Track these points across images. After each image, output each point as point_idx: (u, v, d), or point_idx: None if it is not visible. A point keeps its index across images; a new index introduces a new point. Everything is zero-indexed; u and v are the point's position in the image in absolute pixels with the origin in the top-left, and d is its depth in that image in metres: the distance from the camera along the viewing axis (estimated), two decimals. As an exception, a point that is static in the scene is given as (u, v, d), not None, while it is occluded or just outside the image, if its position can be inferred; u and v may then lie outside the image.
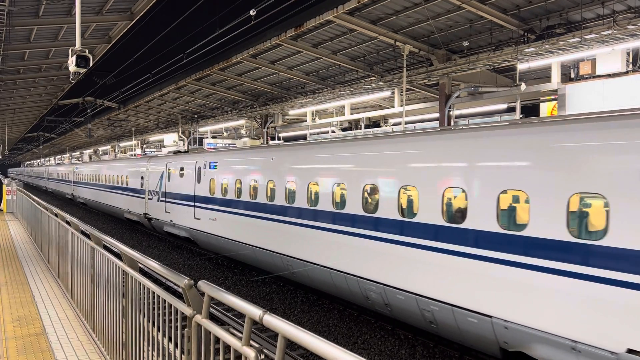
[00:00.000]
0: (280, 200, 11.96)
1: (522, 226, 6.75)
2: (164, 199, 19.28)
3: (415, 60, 15.90)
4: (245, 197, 13.51)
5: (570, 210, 6.15)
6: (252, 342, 2.85)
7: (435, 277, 7.89)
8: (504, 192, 6.97)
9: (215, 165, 15.43)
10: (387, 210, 8.86)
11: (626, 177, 5.65)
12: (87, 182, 33.00)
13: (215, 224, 15.11)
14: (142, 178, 21.89)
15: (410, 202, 8.61)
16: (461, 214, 7.66)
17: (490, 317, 7.03)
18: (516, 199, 7.04)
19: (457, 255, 7.52)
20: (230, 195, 14.31)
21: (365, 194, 9.46)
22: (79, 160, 56.94)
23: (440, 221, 7.86)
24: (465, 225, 7.49)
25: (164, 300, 3.85)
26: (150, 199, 20.70)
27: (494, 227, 7.03)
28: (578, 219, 6.13)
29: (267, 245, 12.40)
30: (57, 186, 47.54)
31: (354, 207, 9.64)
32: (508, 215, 7.06)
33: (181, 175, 17.88)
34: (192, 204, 16.74)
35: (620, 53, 11.44)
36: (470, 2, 11.97)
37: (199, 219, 16.19)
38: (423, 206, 8.19)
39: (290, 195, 11.62)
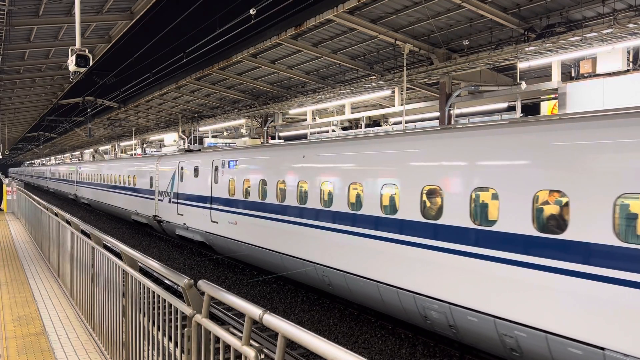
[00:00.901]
0: (314, 203, 10.61)
1: None
2: (176, 200, 18.11)
3: (415, 59, 15.89)
4: (272, 199, 12.14)
5: None
6: (252, 342, 2.85)
7: (526, 298, 6.50)
8: (621, 197, 5.75)
9: (236, 164, 14.18)
10: (457, 217, 7.41)
11: None
12: (92, 182, 31.92)
13: (235, 228, 13.86)
14: (151, 178, 20.81)
15: (485, 206, 7.22)
16: (556, 222, 6.32)
17: (603, 349, 5.73)
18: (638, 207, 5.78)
19: (557, 272, 6.10)
20: (254, 197, 12.98)
21: (424, 197, 8.06)
22: (79, 160, 56.82)
23: (531, 230, 6.39)
24: (567, 236, 6.04)
25: (164, 300, 3.85)
26: (161, 200, 19.58)
27: (612, 239, 5.64)
28: None
29: (299, 253, 11.11)
30: (59, 186, 46.55)
31: (410, 212, 8.25)
32: (627, 224, 5.82)
33: (195, 175, 16.70)
34: (209, 206, 15.51)
35: (620, 52, 11.42)
36: (470, 0, 11.95)
37: (216, 223, 14.99)
38: (506, 212, 6.70)
39: (327, 198, 10.34)
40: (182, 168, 17.91)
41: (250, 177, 13.31)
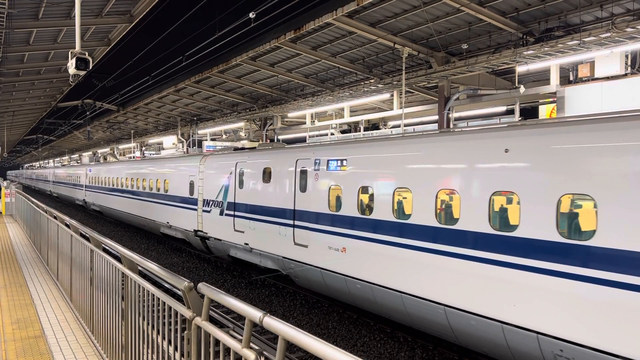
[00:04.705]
0: (533, 231, 6.57)
1: None
2: (231, 212, 14.28)
3: (414, 63, 15.93)
4: (427, 219, 8.12)
5: None
6: (252, 345, 2.85)
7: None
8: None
9: (342, 165, 10.20)
10: None
11: None
12: (106, 186, 27.88)
13: (343, 258, 9.93)
14: (191, 183, 17.03)
15: None
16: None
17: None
18: None
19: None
20: (384, 215, 8.94)
21: None
22: (77, 163, 56.47)
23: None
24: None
25: (164, 303, 3.85)
26: (207, 212, 15.78)
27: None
28: None
29: (486, 310, 7.13)
30: (65, 191, 42.03)
31: None
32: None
33: (266, 179, 12.79)
34: (290, 222, 11.62)
35: (618, 55, 11.48)
36: (469, 4, 12.01)
37: (304, 247, 11.08)
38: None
39: (568, 224, 6.45)
40: (241, 170, 14.07)
41: (377, 185, 9.30)
